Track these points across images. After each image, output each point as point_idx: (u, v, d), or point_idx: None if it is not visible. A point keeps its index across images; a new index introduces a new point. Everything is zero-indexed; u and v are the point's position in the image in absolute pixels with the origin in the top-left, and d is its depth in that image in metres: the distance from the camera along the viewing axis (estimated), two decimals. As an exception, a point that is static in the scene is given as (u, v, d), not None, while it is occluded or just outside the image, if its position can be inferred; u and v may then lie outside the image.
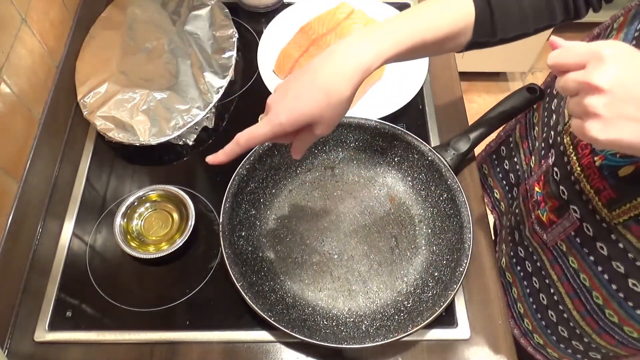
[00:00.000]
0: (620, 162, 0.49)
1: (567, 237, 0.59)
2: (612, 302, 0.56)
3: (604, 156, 0.51)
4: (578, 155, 0.55)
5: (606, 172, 0.50)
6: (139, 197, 0.70)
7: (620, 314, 0.56)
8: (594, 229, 0.54)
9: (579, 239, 0.57)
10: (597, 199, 0.52)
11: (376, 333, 0.61)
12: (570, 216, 0.57)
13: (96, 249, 0.70)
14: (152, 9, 0.86)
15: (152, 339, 0.64)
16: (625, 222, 0.49)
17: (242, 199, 0.69)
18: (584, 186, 0.54)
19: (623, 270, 0.52)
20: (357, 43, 0.51)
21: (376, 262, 0.68)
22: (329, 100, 0.50)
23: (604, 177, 0.51)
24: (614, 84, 0.37)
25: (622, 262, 0.52)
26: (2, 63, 0.64)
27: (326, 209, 0.72)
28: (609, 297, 0.56)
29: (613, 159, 0.50)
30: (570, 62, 0.40)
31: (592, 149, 0.52)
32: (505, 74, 1.99)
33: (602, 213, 0.52)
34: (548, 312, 0.66)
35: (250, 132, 0.52)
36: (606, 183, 0.50)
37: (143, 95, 0.76)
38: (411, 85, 0.81)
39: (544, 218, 0.62)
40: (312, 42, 0.86)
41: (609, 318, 0.57)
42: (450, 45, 0.56)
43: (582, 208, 0.55)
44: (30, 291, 0.67)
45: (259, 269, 0.66)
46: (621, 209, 0.49)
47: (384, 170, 0.75)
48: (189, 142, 0.77)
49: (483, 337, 0.64)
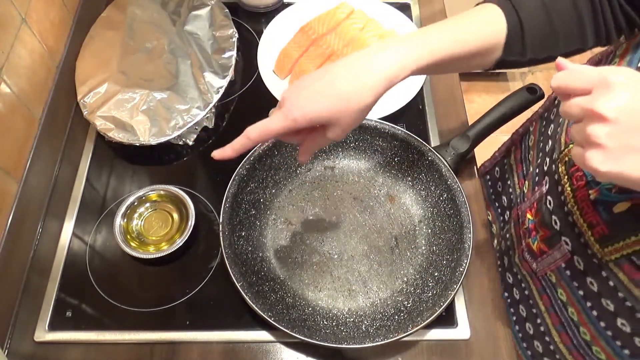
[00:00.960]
0: (615, 199, 0.47)
1: (557, 268, 0.57)
2: (600, 340, 0.54)
3: (598, 190, 0.48)
4: (573, 186, 0.52)
5: (600, 207, 0.48)
6: (139, 197, 0.70)
7: (607, 351, 0.54)
8: (584, 263, 0.52)
9: (569, 271, 0.55)
10: (589, 233, 0.50)
11: (376, 333, 0.61)
12: (561, 247, 0.55)
13: (96, 249, 0.70)
14: (152, 9, 0.86)
15: (152, 339, 0.64)
16: (617, 260, 0.48)
17: (242, 199, 0.69)
18: (576, 219, 0.52)
19: (612, 309, 0.50)
20: (383, 53, 0.50)
21: (376, 262, 0.68)
22: (349, 106, 0.49)
23: (598, 212, 0.49)
24: (620, 114, 0.35)
25: (612, 300, 0.50)
26: (2, 63, 0.64)
27: (326, 208, 0.72)
28: (596, 334, 0.54)
29: (608, 194, 0.47)
30: (576, 87, 0.38)
31: (587, 182, 0.50)
32: (505, 74, 1.99)
33: (594, 248, 0.50)
34: (534, 342, 0.65)
35: (262, 127, 0.51)
36: (600, 218, 0.48)
37: (143, 95, 0.76)
38: (411, 85, 0.81)
39: (534, 247, 0.60)
40: (312, 42, 0.86)
41: (597, 355, 0.56)
42: (479, 61, 0.54)
43: (574, 240, 0.53)
44: (30, 291, 0.67)
45: (259, 269, 0.66)
46: (614, 246, 0.48)
47: (384, 170, 0.75)
48: (189, 142, 0.77)
49: (483, 337, 0.64)
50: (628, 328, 0.50)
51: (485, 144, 0.75)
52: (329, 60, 0.83)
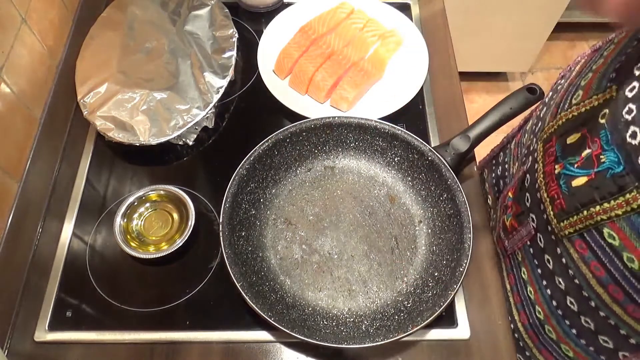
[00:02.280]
0: (577, 173, 0.49)
1: (523, 245, 0.58)
2: (551, 319, 0.56)
3: (563, 165, 0.50)
4: (544, 161, 0.54)
5: (562, 181, 0.50)
6: (139, 197, 0.70)
7: (558, 331, 0.56)
8: (544, 241, 0.54)
9: (532, 249, 0.57)
10: (550, 208, 0.52)
11: (376, 333, 0.61)
12: (528, 224, 0.56)
13: (96, 249, 0.70)
14: (152, 9, 0.86)
15: (152, 339, 0.64)
16: (571, 235, 0.49)
17: (242, 199, 0.69)
18: (542, 194, 0.53)
19: (563, 287, 0.52)
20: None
21: (376, 262, 0.68)
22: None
23: (559, 186, 0.50)
24: None
25: (563, 278, 0.52)
26: (2, 63, 0.64)
27: (326, 209, 0.72)
28: (549, 313, 0.56)
29: (571, 168, 0.49)
30: None
31: (556, 157, 0.52)
32: (505, 74, 1.99)
33: (552, 223, 0.52)
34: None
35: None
36: (560, 191, 0.50)
37: (143, 95, 0.76)
38: (411, 85, 0.81)
39: (507, 223, 0.62)
40: (312, 42, 0.86)
41: (548, 334, 0.57)
42: None
43: (538, 217, 0.55)
44: (30, 291, 0.67)
45: (259, 269, 0.66)
46: (568, 220, 0.49)
47: (384, 170, 0.75)
48: (189, 142, 0.77)
49: (483, 337, 0.64)
50: (575, 307, 0.52)
51: (485, 143, 0.75)
52: (329, 60, 0.83)
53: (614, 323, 0.50)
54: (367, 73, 0.82)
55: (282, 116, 0.80)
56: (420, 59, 0.84)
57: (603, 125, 0.46)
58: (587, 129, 0.49)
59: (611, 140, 0.45)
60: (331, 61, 0.83)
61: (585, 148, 0.48)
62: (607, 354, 0.53)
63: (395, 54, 0.86)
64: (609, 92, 0.47)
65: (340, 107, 0.80)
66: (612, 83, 0.47)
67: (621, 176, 0.43)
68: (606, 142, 0.45)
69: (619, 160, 0.44)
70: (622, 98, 0.44)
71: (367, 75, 0.82)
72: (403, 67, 0.85)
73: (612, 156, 0.44)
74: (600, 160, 0.46)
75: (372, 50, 0.86)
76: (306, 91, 0.82)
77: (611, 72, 0.49)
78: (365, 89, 0.82)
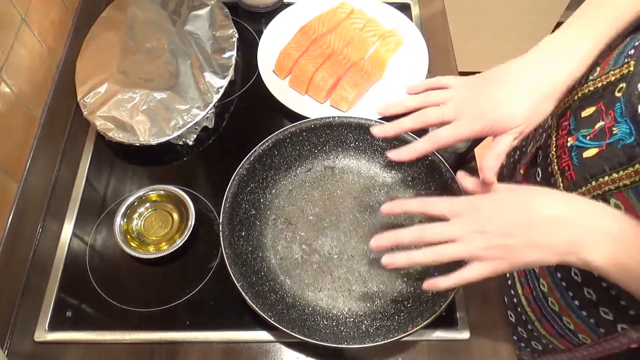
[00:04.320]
0: (589, 144, 0.50)
1: None
2: (555, 291, 0.57)
3: (576, 137, 0.52)
4: (557, 134, 0.56)
5: (574, 152, 0.51)
6: (139, 197, 0.70)
7: (560, 303, 0.57)
8: None
9: None
10: (560, 180, 0.53)
11: (376, 333, 0.61)
12: None
13: (96, 249, 0.70)
14: (152, 9, 0.86)
15: (152, 339, 0.64)
16: None
17: (242, 199, 0.69)
18: (553, 167, 0.54)
19: None
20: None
21: (376, 262, 0.68)
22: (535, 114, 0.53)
23: (571, 158, 0.52)
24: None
25: None
26: (2, 63, 0.64)
27: (326, 209, 0.72)
28: (553, 285, 0.57)
29: (583, 140, 0.51)
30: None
31: (569, 130, 0.53)
32: (505, 74, 1.99)
33: None
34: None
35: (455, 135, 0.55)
36: (571, 163, 0.51)
37: (143, 95, 0.76)
38: (411, 85, 0.81)
39: None
40: (312, 42, 0.86)
41: (551, 306, 0.59)
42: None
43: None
44: (30, 291, 0.67)
45: (259, 269, 0.66)
46: (577, 192, 0.50)
47: (384, 170, 0.75)
48: (189, 142, 0.77)
49: (483, 338, 0.64)
50: (579, 278, 0.53)
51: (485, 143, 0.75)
52: (329, 60, 0.83)
53: (614, 293, 0.51)
54: (367, 73, 0.82)
55: (282, 116, 0.80)
56: (420, 59, 0.84)
57: (619, 99, 0.47)
58: (603, 102, 0.50)
59: (625, 112, 0.46)
60: (331, 61, 0.83)
61: (599, 121, 0.49)
62: (607, 326, 0.54)
63: (395, 54, 0.86)
64: (627, 67, 0.49)
65: (340, 107, 0.80)
66: (630, 59, 0.49)
67: (632, 147, 0.44)
68: (620, 115, 0.46)
69: (630, 131, 0.45)
70: (639, 72, 0.46)
71: (367, 75, 0.82)
72: (403, 67, 0.85)
73: (625, 127, 0.45)
74: (613, 132, 0.47)
75: (372, 50, 0.86)
76: (306, 91, 0.82)
77: (630, 48, 0.50)
78: (365, 89, 0.82)
